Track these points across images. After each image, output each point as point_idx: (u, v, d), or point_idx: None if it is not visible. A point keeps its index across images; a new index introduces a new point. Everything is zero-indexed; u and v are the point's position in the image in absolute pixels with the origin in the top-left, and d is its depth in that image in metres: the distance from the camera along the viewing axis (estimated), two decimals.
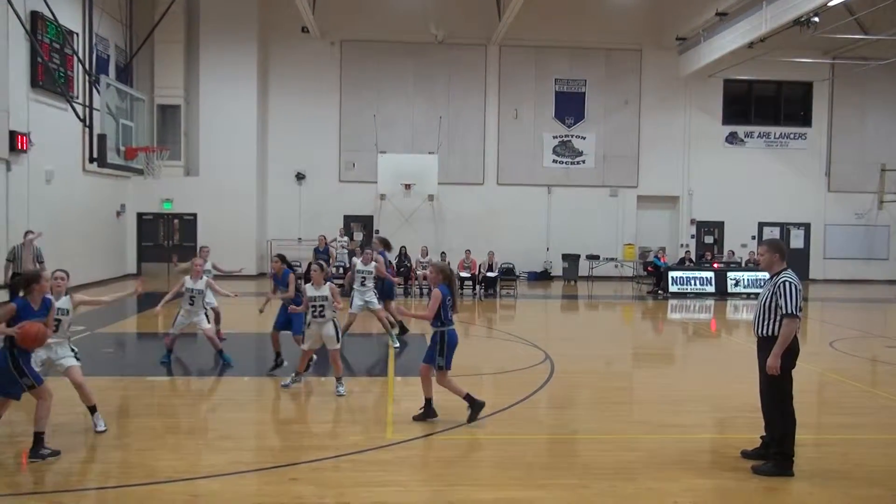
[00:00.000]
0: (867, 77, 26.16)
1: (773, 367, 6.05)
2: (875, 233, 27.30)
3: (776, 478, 6.07)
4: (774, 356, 6.03)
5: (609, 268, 26.03)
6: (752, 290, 21.98)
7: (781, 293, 6.03)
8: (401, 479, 6.05)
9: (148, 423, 7.64)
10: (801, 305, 6.06)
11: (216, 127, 24.24)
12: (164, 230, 24.95)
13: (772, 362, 6.05)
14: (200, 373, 10.40)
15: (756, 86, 27.30)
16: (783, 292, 6.02)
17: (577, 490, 5.84)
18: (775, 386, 6.18)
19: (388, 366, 10.76)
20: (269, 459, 6.42)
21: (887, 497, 5.85)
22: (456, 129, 25.97)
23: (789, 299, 5.99)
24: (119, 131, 15.09)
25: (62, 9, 17.53)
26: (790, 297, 6.00)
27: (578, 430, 7.76)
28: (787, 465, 6.15)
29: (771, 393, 6.25)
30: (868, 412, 8.40)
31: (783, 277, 6.12)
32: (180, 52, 24.29)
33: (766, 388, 6.28)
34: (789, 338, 6.01)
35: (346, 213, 25.54)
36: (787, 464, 6.15)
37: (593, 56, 26.36)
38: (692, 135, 26.86)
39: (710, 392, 9.53)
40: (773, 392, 6.22)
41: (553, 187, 26.47)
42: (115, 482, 5.83)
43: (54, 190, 18.43)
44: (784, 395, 6.18)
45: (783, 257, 6.28)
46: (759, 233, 27.35)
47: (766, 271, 6.38)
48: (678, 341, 15.08)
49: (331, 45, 25.54)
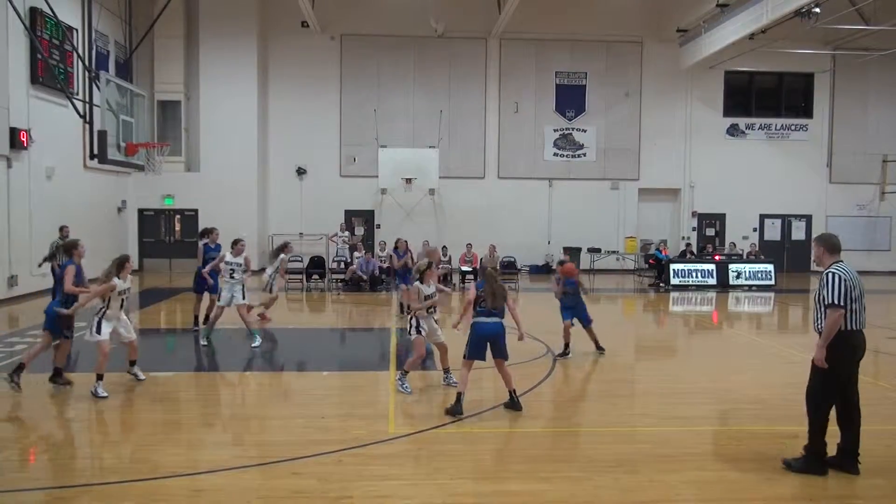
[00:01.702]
0: (868, 68, 26.11)
1: (818, 360, 5.94)
2: (877, 224, 27.28)
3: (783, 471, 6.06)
4: (819, 348, 5.93)
5: (610, 261, 26.04)
6: (754, 282, 22.02)
7: (824, 284, 5.93)
8: (403, 473, 6.07)
9: (151, 417, 7.66)
10: (844, 296, 5.83)
11: (216, 122, 24.22)
12: (166, 226, 24.96)
13: (817, 354, 5.95)
14: (202, 368, 10.41)
15: (757, 77, 27.24)
16: (825, 283, 5.92)
17: (579, 482, 5.85)
18: (817, 380, 6.04)
19: (391, 360, 10.77)
20: (272, 454, 6.43)
21: (888, 487, 5.85)
22: (456, 122, 25.94)
23: (832, 290, 5.85)
24: (119, 127, 15.07)
25: (61, 5, 17.50)
26: (832, 287, 5.86)
27: (581, 423, 7.77)
28: (817, 465, 6.00)
29: (810, 386, 6.11)
30: (869, 403, 8.33)
31: (829, 269, 6.01)
32: (180, 48, 24.28)
33: (810, 380, 6.13)
34: (834, 328, 5.83)
35: (346, 208, 25.55)
36: (816, 463, 6.01)
37: (594, 49, 26.30)
38: (693, 127, 26.82)
39: (712, 384, 9.54)
40: (812, 384, 6.09)
41: (554, 180, 26.45)
42: (118, 477, 5.84)
43: (55, 186, 18.44)
44: (819, 392, 6.02)
45: (832, 251, 6.12)
46: (760, 225, 27.36)
47: (819, 267, 6.25)
48: (680, 334, 15.08)
49: (331, 39, 25.50)
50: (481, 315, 7.82)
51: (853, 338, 5.93)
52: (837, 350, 5.91)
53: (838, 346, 5.90)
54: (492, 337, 7.79)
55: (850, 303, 5.87)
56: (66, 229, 15.25)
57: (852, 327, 5.90)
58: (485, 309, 7.81)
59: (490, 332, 7.78)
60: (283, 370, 10.51)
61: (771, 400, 8.63)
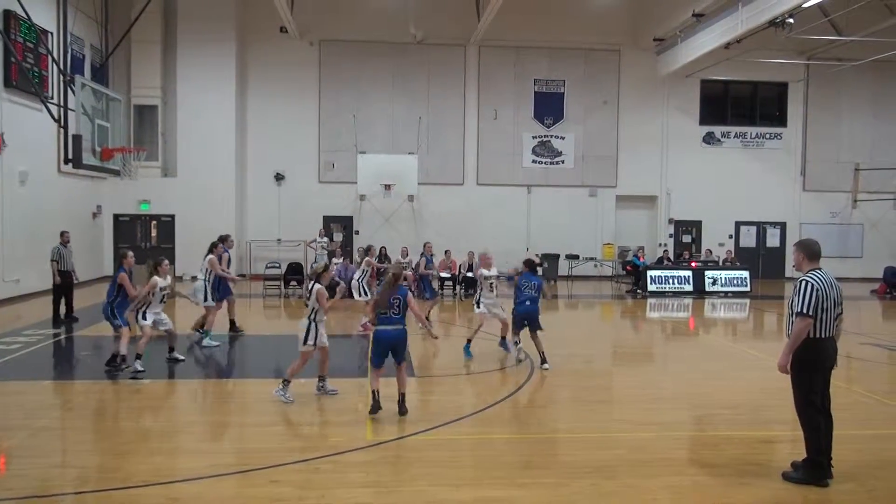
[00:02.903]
0: (841, 78, 26.55)
1: (780, 366, 5.98)
2: (849, 231, 27.70)
3: (758, 476, 6.13)
4: (783, 354, 5.95)
5: (588, 267, 26.18)
6: (730, 288, 22.26)
7: (797, 291, 5.93)
8: (381, 480, 6.05)
9: (126, 426, 7.58)
10: (813, 305, 5.83)
11: (194, 127, 24.04)
12: (142, 231, 24.70)
13: (780, 360, 5.98)
14: (179, 375, 10.32)
15: (732, 86, 27.58)
16: (798, 290, 5.92)
17: (557, 488, 5.87)
18: (795, 388, 6.06)
19: (367, 367, 10.73)
20: (250, 462, 6.39)
21: (860, 492, 5.94)
22: (435, 129, 25.98)
23: (802, 298, 5.85)
24: (95, 132, 14.89)
25: (36, 8, 17.29)
26: (803, 295, 5.85)
27: (558, 429, 7.80)
28: (818, 474, 5.98)
29: (794, 396, 6.10)
30: (842, 408, 8.47)
31: (804, 277, 6.00)
32: (157, 52, 24.08)
33: (793, 390, 6.12)
34: (800, 336, 5.85)
35: (325, 214, 25.44)
36: (816, 472, 5.99)
37: (572, 56, 26.48)
38: (670, 135, 27.08)
39: (689, 390, 9.63)
40: (795, 395, 6.09)
41: (533, 187, 26.56)
42: (93, 486, 5.77)
43: (29, 191, 18.19)
44: (804, 401, 6.02)
45: (812, 257, 6.11)
46: (735, 232, 27.66)
47: (799, 272, 6.23)
48: (657, 340, 15.19)
49: (309, 45, 25.44)
50: (382, 322, 7.80)
51: (822, 345, 5.96)
52: (807, 358, 5.95)
53: (808, 354, 5.94)
54: (392, 344, 7.79)
55: (821, 312, 5.88)
56: (67, 234, 15.24)
57: (821, 335, 5.93)
58: (386, 315, 7.79)
59: (390, 339, 7.79)
60: (260, 377, 10.43)
61: (746, 405, 8.73)
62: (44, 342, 12.42)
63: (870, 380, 10.46)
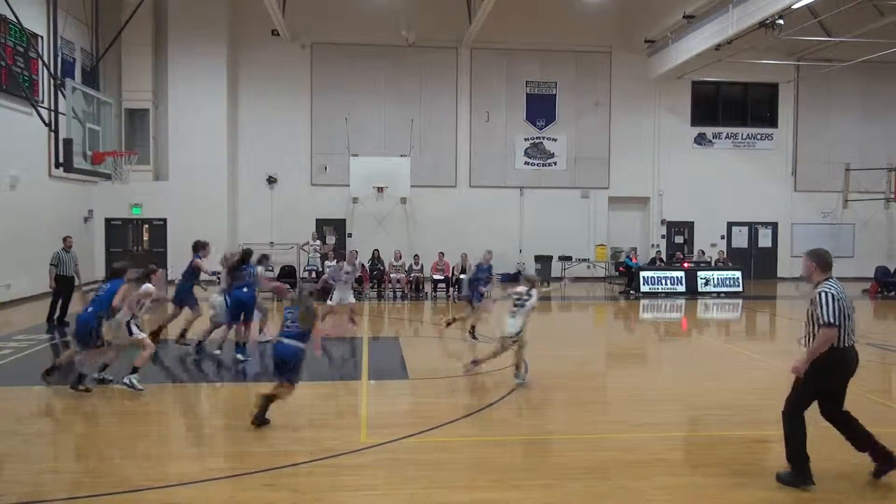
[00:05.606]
0: (831, 79, 26.70)
1: (795, 369, 5.97)
2: (840, 231, 27.81)
3: (752, 476, 6.14)
4: (802, 361, 5.92)
5: (581, 269, 26.21)
6: (722, 289, 22.35)
7: (818, 304, 5.88)
8: (375, 483, 6.05)
9: (119, 430, 7.54)
10: (838, 314, 5.80)
11: (185, 131, 23.96)
12: (134, 235, 24.59)
13: (797, 364, 5.95)
14: (171, 380, 10.29)
15: (723, 87, 27.68)
16: (819, 302, 5.88)
17: (551, 490, 5.88)
18: (796, 392, 6.06)
19: (362, 369, 10.73)
20: (244, 465, 6.37)
21: (852, 490, 5.96)
22: (428, 131, 25.98)
23: (826, 309, 5.82)
24: (86, 136, 14.85)
25: (26, 12, 17.23)
26: (826, 306, 5.83)
27: (552, 431, 7.81)
28: (803, 474, 5.98)
29: (790, 397, 6.11)
30: None
31: (821, 288, 5.97)
32: (148, 56, 23.99)
33: (791, 391, 6.13)
34: (823, 346, 5.83)
35: (318, 217, 25.41)
36: (802, 472, 5.99)
37: (563, 58, 26.54)
38: (661, 136, 27.16)
39: (682, 390, 9.65)
40: (791, 397, 6.09)
41: (525, 189, 26.60)
42: (87, 491, 5.75)
43: (19, 196, 18.10)
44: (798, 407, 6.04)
45: (824, 268, 6.07)
46: (727, 232, 27.76)
47: (808, 281, 6.20)
48: (650, 341, 15.23)
49: (301, 47, 25.42)
50: (283, 336, 7.67)
51: (847, 354, 5.97)
52: (833, 367, 5.94)
53: (833, 364, 5.93)
54: (280, 358, 7.65)
55: (844, 320, 5.90)
56: (70, 239, 15.08)
57: (845, 344, 5.94)
58: (290, 330, 7.64)
59: (280, 354, 7.65)
60: (254, 381, 10.40)
61: (739, 405, 8.76)
62: (35, 347, 12.35)
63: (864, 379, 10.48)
